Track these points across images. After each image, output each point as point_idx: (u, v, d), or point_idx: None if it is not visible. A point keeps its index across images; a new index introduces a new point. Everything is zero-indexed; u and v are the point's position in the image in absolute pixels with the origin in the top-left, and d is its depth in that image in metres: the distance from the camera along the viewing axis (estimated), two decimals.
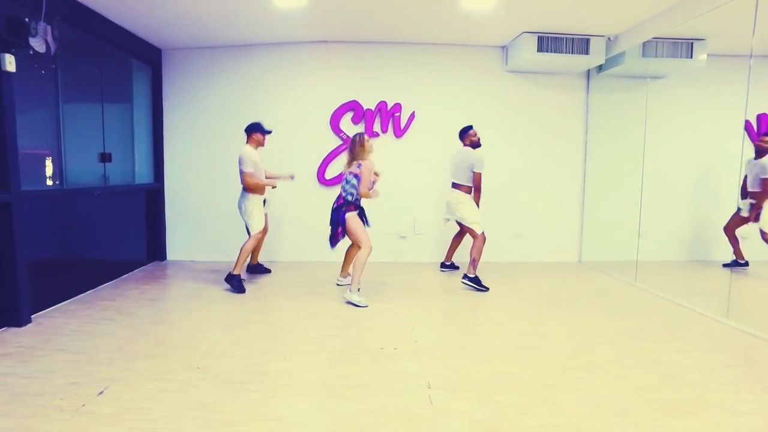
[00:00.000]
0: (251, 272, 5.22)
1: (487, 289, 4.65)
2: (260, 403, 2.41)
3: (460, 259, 5.54)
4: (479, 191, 4.87)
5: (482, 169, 4.81)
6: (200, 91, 5.88)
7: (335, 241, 4.29)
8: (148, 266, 5.69)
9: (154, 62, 5.79)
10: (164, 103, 5.91)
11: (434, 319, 3.85)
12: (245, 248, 4.52)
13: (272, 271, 5.38)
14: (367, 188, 4.15)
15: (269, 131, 4.72)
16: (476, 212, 4.85)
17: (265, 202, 4.76)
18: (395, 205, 5.97)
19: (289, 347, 3.16)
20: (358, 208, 4.28)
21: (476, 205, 4.87)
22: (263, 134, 4.66)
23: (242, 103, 5.85)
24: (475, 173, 4.81)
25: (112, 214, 5.14)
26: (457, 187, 4.95)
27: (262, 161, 4.69)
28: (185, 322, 3.67)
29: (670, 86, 5.83)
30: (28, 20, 3.14)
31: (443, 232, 5.96)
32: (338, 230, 4.22)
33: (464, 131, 4.99)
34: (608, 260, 6.05)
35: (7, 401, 2.36)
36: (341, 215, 4.20)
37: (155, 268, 5.62)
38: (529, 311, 4.05)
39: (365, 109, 5.86)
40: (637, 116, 6.09)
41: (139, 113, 5.76)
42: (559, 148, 6.19)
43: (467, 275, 4.72)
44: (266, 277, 5.15)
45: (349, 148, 4.28)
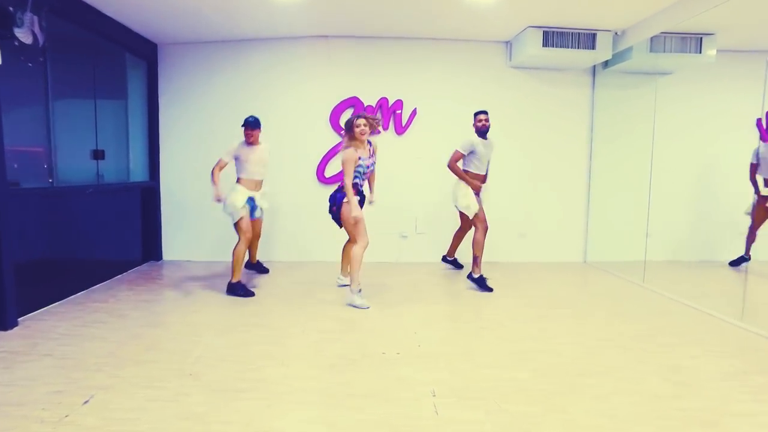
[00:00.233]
0: (249, 268, 5.08)
1: (491, 290, 4.51)
2: (255, 412, 2.28)
3: (465, 259, 5.41)
4: (454, 171, 4.72)
5: (460, 148, 4.67)
6: (197, 87, 5.74)
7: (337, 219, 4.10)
8: (143, 266, 5.55)
9: (149, 57, 5.65)
10: (160, 99, 5.77)
11: (437, 321, 3.72)
12: (237, 252, 4.30)
13: (271, 271, 5.24)
14: (350, 179, 3.90)
15: (252, 125, 4.32)
16: (468, 197, 4.66)
17: (254, 201, 4.43)
18: (396, 203, 5.84)
19: (286, 352, 3.03)
20: (359, 194, 4.10)
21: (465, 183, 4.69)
22: (246, 129, 4.32)
23: (240, 99, 5.71)
24: (455, 152, 4.68)
25: (105, 212, 5.00)
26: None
27: (257, 158, 4.42)
28: (180, 324, 3.53)
29: (677, 83, 5.69)
30: (12, 10, 3.00)
31: (446, 231, 5.82)
32: (333, 208, 4.05)
33: (474, 115, 4.79)
34: (614, 260, 5.92)
35: None
36: (339, 196, 4.02)
37: (150, 268, 5.48)
38: (535, 313, 3.92)
39: (366, 105, 5.72)
40: (643, 113, 5.95)
41: (134, 110, 5.62)
42: (563, 145, 6.05)
43: (471, 275, 4.59)
44: (264, 277, 5.02)
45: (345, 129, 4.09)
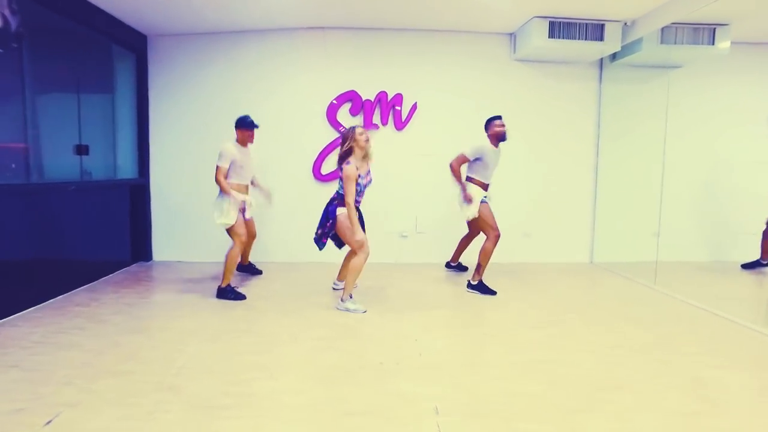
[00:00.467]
0: (241, 271, 4.85)
1: (494, 292, 4.29)
2: None
3: (471, 261, 5.18)
4: (452, 172, 4.47)
5: (468, 152, 4.40)
6: (188, 80, 5.51)
7: (324, 239, 3.88)
8: (131, 267, 5.32)
9: (138, 49, 5.41)
10: (150, 93, 5.53)
11: (440, 327, 3.49)
12: (231, 255, 4.07)
13: (264, 272, 5.00)
14: (352, 198, 3.66)
15: (255, 126, 4.18)
16: (474, 205, 4.41)
17: (244, 205, 4.25)
18: (395, 202, 5.61)
19: (277, 362, 2.80)
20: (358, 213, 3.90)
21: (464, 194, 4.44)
22: (248, 130, 4.15)
23: (233, 93, 5.48)
24: (461, 153, 4.42)
25: (91, 211, 4.77)
26: (468, 179, 4.55)
27: (249, 160, 4.24)
28: (163, 331, 3.30)
29: (688, 76, 5.46)
30: None
31: (447, 230, 5.61)
32: (327, 224, 3.81)
33: (490, 121, 4.48)
34: (621, 261, 5.70)
35: None
36: (332, 208, 3.81)
37: (139, 269, 5.25)
38: (544, 319, 3.69)
39: (364, 99, 5.49)
40: (653, 108, 5.73)
41: (122, 104, 5.39)
42: (569, 141, 5.83)
43: (470, 282, 4.37)
44: (256, 279, 4.78)
45: (341, 143, 3.80)
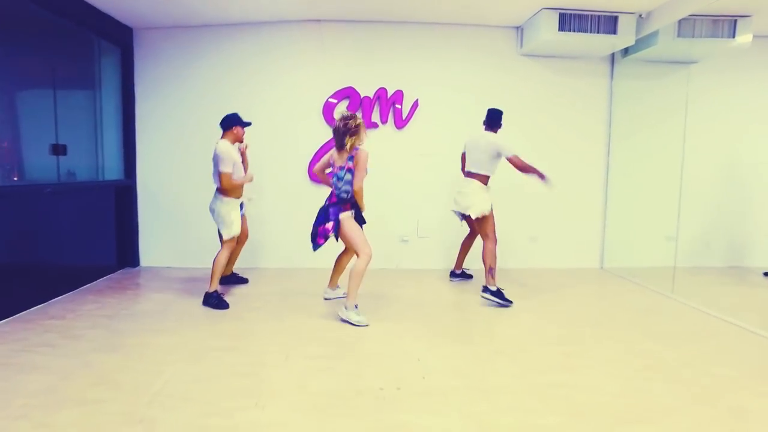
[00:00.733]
0: (224, 283, 4.52)
1: (510, 303, 4.01)
2: None
3: (472, 264, 4.89)
4: (528, 170, 4.12)
5: (514, 149, 4.11)
6: (177, 76, 5.21)
7: (321, 240, 3.59)
8: (116, 274, 5.02)
9: (123, 43, 5.11)
10: (136, 89, 5.23)
11: (444, 344, 3.19)
12: (219, 260, 3.86)
13: (253, 281, 4.69)
14: (362, 182, 3.49)
15: (248, 123, 4.01)
16: (485, 201, 4.14)
17: (242, 206, 4.06)
18: (396, 204, 5.32)
19: (264, 387, 2.50)
20: (354, 207, 3.62)
21: (542, 178, 4.13)
22: (243, 127, 3.97)
23: (225, 90, 5.18)
24: (511, 159, 4.09)
25: (73, 214, 4.47)
26: (471, 176, 4.25)
27: (239, 158, 4.03)
28: (142, 349, 3.00)
29: (705, 72, 5.18)
30: None
31: (450, 234, 5.31)
32: (326, 227, 3.53)
33: (499, 116, 4.25)
34: (634, 266, 5.42)
35: None
36: (334, 212, 3.54)
37: (124, 276, 4.95)
38: (557, 333, 3.40)
39: (362, 96, 5.20)
40: (668, 106, 5.45)
41: (107, 101, 5.09)
42: (578, 140, 5.53)
43: (487, 288, 4.07)
44: (244, 288, 4.47)
45: (335, 135, 3.53)
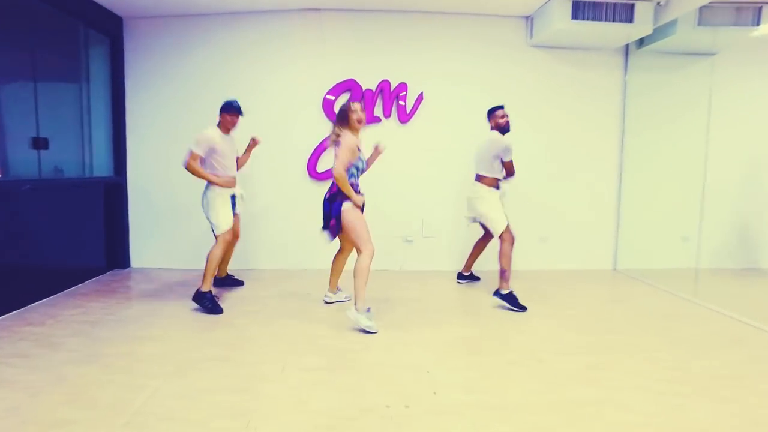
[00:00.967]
0: (218, 285, 4.26)
1: (524, 308, 3.76)
2: None
3: (481, 267, 4.63)
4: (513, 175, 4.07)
5: (511, 156, 3.93)
6: (170, 68, 4.95)
7: (333, 232, 3.36)
8: (105, 275, 4.77)
9: (113, 33, 4.85)
10: (126, 82, 4.97)
11: (455, 354, 2.94)
12: (212, 256, 3.62)
13: (248, 283, 4.43)
14: (343, 168, 3.23)
15: (235, 109, 3.66)
16: (498, 209, 3.95)
17: (234, 199, 3.78)
18: (399, 203, 5.06)
19: (256, 405, 2.25)
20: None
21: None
22: (231, 114, 3.66)
23: (220, 83, 4.91)
24: (505, 163, 3.95)
25: (58, 212, 4.21)
26: (479, 179, 4.07)
27: (233, 149, 3.77)
28: (125, 359, 2.75)
29: (725, 64, 4.93)
30: None
31: (456, 234, 5.07)
32: (331, 222, 3.33)
33: (490, 111, 4.07)
34: (649, 268, 5.17)
35: None
36: (335, 206, 3.29)
37: (113, 278, 4.69)
38: (576, 341, 3.15)
39: (364, 89, 4.94)
40: (686, 100, 5.21)
41: (95, 93, 4.84)
42: (590, 136, 5.27)
43: (500, 291, 3.82)
44: (239, 291, 4.21)
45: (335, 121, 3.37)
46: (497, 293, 3.84)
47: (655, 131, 5.24)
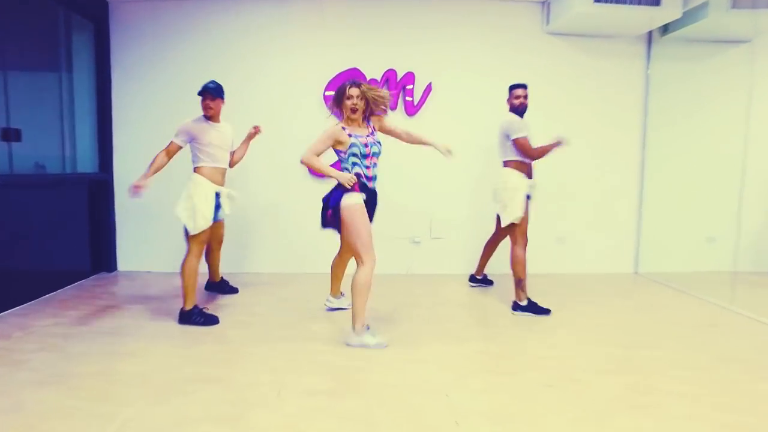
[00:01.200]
0: (211, 290, 3.92)
1: (548, 311, 3.45)
2: None
3: (494, 270, 4.28)
4: (537, 155, 3.54)
5: (523, 132, 3.49)
6: (160, 56, 4.59)
7: (325, 221, 2.93)
8: (89, 280, 4.41)
9: (97, 17, 4.50)
10: (113, 71, 4.62)
11: (476, 373, 2.58)
12: (187, 270, 3.15)
13: (249, 288, 4.07)
14: (311, 153, 2.84)
15: (210, 91, 3.23)
16: (520, 199, 3.50)
17: (218, 198, 3.28)
18: (406, 201, 4.70)
19: None
20: (364, 189, 2.89)
21: (550, 149, 3.54)
22: (204, 97, 3.24)
23: (214, 71, 4.47)
24: (516, 141, 3.48)
25: (37, 211, 3.88)
26: (505, 165, 3.66)
27: (224, 139, 3.35)
28: (96, 380, 2.39)
29: (757, 51, 4.58)
30: None
31: (467, 235, 4.73)
32: (328, 213, 2.88)
33: (509, 89, 3.67)
34: (672, 271, 4.84)
35: None
36: (335, 195, 2.85)
37: (97, 282, 4.34)
38: (609, 357, 2.79)
39: (369, 79, 4.57)
40: (716, 93, 4.87)
41: (79, 83, 4.49)
42: (610, 130, 4.92)
43: (517, 304, 3.48)
44: (232, 298, 3.85)
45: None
46: (516, 307, 3.49)
47: (679, 126, 4.90)
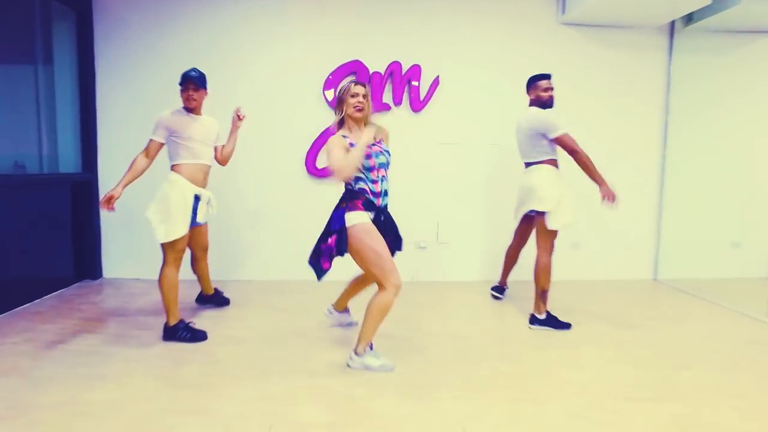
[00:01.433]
0: (203, 303, 3.59)
1: (569, 325, 3.15)
2: None
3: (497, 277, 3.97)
4: (585, 159, 3.09)
5: (564, 127, 3.13)
6: (148, 48, 4.27)
7: (325, 261, 2.47)
8: (71, 288, 4.10)
9: (80, 5, 4.18)
10: (97, 64, 4.29)
11: (496, 401, 2.27)
12: (166, 283, 2.83)
13: (235, 298, 3.72)
14: (342, 159, 2.36)
15: (192, 80, 2.90)
16: (562, 200, 3.14)
17: (197, 202, 2.96)
18: (411, 203, 4.38)
19: None
20: (370, 207, 2.51)
21: (598, 181, 3.08)
22: (183, 86, 2.92)
23: (205, 64, 4.06)
24: (560, 139, 3.10)
25: (13, 214, 3.57)
26: (534, 165, 3.27)
27: (207, 132, 3.02)
28: (60, 411, 2.07)
29: None
30: None
31: (477, 240, 4.44)
32: (327, 242, 2.46)
33: (532, 81, 3.32)
34: (694, 277, 4.54)
35: None
36: (336, 215, 2.47)
37: (80, 291, 4.03)
38: (646, 380, 2.48)
39: (372, 72, 4.27)
40: (748, 88, 4.57)
41: (60, 77, 4.18)
42: (628, 129, 4.62)
43: (535, 317, 3.18)
44: (222, 311, 3.53)
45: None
46: (534, 321, 3.19)
47: (703, 124, 4.61)
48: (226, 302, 3.61)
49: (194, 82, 2.88)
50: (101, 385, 2.33)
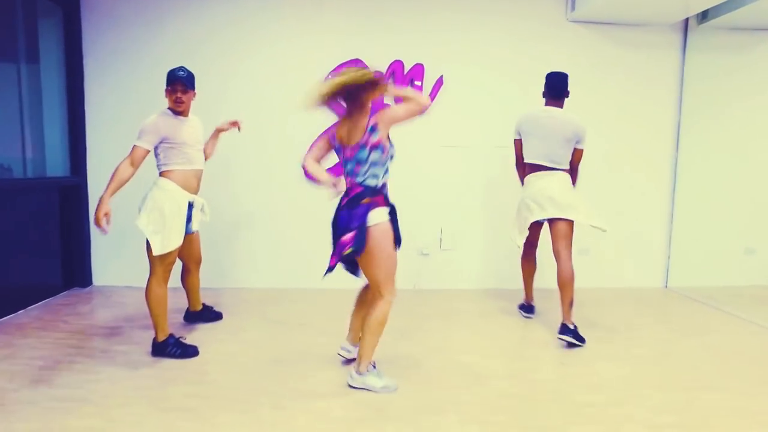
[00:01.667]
0: (191, 321, 3.34)
1: (584, 340, 3.00)
2: None
3: (506, 285, 3.80)
4: (576, 177, 3.25)
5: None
6: (137, 46, 4.09)
7: (335, 260, 2.29)
8: (58, 297, 3.92)
9: (66, 2, 4.00)
10: (85, 62, 4.12)
11: (510, 425, 2.09)
12: (153, 298, 2.64)
13: (228, 308, 3.54)
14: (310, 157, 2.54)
15: (179, 79, 2.68)
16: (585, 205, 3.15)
17: (191, 210, 2.81)
18: (414, 208, 4.20)
19: None
20: (388, 204, 2.37)
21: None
22: (169, 86, 2.70)
23: (198, 63, 3.97)
24: (582, 151, 3.17)
25: (0, 219, 3.40)
26: (551, 171, 3.15)
27: (196, 135, 2.83)
28: None
29: None
30: None
31: (481, 246, 4.26)
32: (345, 238, 2.22)
33: (565, 81, 3.26)
34: (706, 285, 4.39)
35: None
36: (361, 211, 2.24)
37: (68, 300, 3.85)
38: (668, 402, 2.31)
39: (374, 72, 4.10)
40: (764, 86, 4.40)
41: (47, 76, 4.01)
42: (639, 131, 4.44)
43: (566, 327, 3.00)
44: (215, 324, 3.33)
45: (343, 98, 2.42)
46: (566, 331, 2.99)
47: (716, 125, 4.45)
48: (217, 317, 3.39)
49: (183, 83, 2.68)
50: (80, 409, 2.16)
